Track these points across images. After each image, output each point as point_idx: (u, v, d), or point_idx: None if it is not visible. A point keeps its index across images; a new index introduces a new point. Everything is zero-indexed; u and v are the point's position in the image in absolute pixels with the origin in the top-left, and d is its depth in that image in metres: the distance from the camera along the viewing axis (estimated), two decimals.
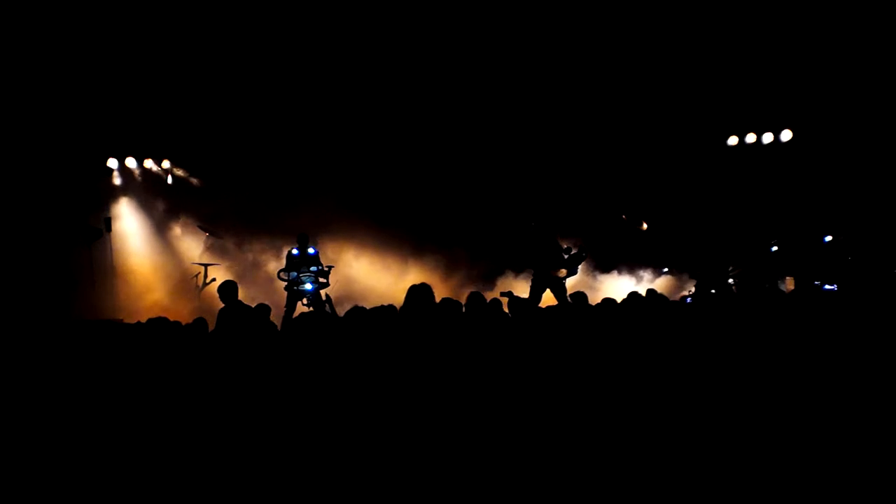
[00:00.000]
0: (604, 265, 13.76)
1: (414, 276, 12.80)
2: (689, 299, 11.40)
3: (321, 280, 12.11)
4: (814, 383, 4.54)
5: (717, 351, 4.92)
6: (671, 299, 8.62)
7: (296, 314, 11.47)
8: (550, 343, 5.14)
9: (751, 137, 13.62)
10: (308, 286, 11.98)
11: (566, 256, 11.64)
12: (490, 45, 12.75)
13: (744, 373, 4.65)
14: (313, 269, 12.09)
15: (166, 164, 13.91)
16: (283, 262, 12.27)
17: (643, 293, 7.08)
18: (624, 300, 6.30)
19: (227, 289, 9.10)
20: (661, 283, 13.59)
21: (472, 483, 4.02)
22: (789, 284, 12.23)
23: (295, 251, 12.13)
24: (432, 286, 5.89)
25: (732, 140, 13.73)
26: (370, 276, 13.67)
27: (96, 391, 4.92)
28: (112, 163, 13.51)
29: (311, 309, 11.58)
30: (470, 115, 13.63)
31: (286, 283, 12.01)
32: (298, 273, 12.01)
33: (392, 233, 13.70)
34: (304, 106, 13.40)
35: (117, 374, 5.18)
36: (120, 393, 4.88)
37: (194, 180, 14.05)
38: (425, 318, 5.35)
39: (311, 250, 12.24)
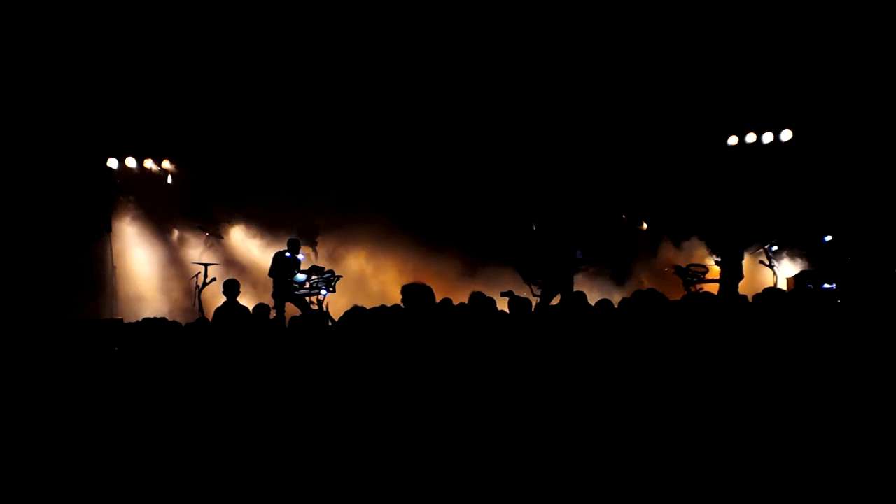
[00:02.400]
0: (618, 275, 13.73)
1: (413, 275, 12.81)
2: None
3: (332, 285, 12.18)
4: (813, 383, 4.53)
5: (717, 350, 4.92)
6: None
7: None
8: (552, 343, 5.14)
9: (751, 137, 13.63)
10: (324, 291, 12.03)
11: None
12: (491, 46, 12.76)
13: (743, 372, 4.65)
14: (327, 273, 12.13)
15: (166, 163, 13.91)
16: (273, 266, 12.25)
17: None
18: (624, 299, 6.29)
19: (230, 286, 9.13)
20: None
21: (473, 482, 4.02)
22: (788, 285, 12.23)
23: (288, 255, 12.03)
24: (422, 283, 5.89)
25: (732, 140, 13.73)
26: (373, 274, 13.68)
27: (95, 391, 4.92)
28: (112, 163, 13.49)
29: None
30: (469, 115, 13.63)
31: (296, 288, 11.95)
32: (309, 278, 12.05)
33: (392, 231, 13.68)
34: (306, 105, 13.41)
35: (116, 373, 5.17)
36: (119, 393, 4.87)
37: (194, 180, 14.03)
38: (426, 319, 5.34)
39: (300, 256, 12.22)
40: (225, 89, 12.97)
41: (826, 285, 11.11)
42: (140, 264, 13.62)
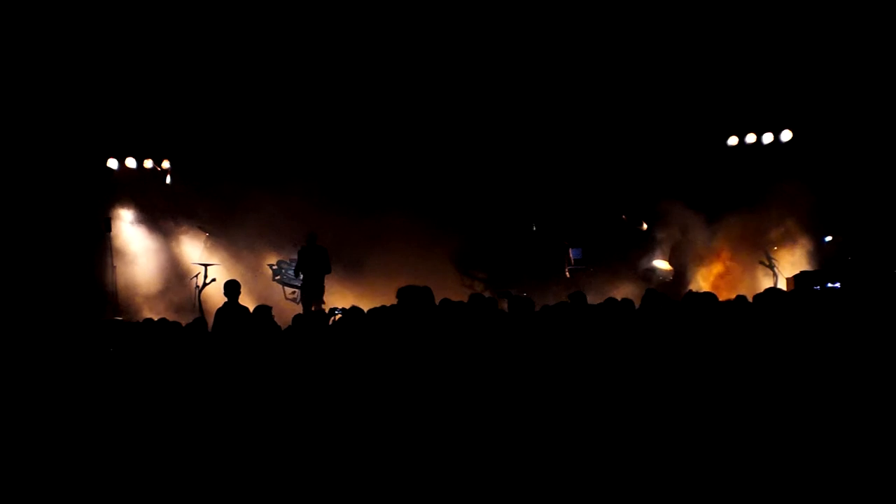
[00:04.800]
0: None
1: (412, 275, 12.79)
2: None
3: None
4: (814, 384, 4.53)
5: (718, 350, 4.92)
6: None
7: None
8: (551, 343, 5.14)
9: (751, 137, 13.62)
10: None
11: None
12: (491, 46, 12.76)
13: (744, 372, 4.65)
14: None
15: (166, 164, 13.90)
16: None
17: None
18: (625, 299, 6.30)
19: (231, 287, 9.09)
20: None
21: (473, 482, 4.02)
22: (788, 285, 12.22)
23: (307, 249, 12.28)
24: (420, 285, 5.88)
25: (732, 140, 13.72)
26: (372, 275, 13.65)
27: (96, 391, 4.92)
28: (112, 163, 13.49)
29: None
30: (469, 115, 13.62)
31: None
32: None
33: (390, 233, 13.64)
34: (305, 105, 13.40)
35: (116, 373, 5.17)
36: (119, 393, 4.87)
37: (194, 179, 14.02)
38: (426, 319, 5.34)
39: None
40: (224, 89, 12.97)
41: (830, 284, 11.10)
42: (140, 264, 13.61)
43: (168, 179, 13.95)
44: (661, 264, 13.75)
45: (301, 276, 12.26)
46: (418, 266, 12.90)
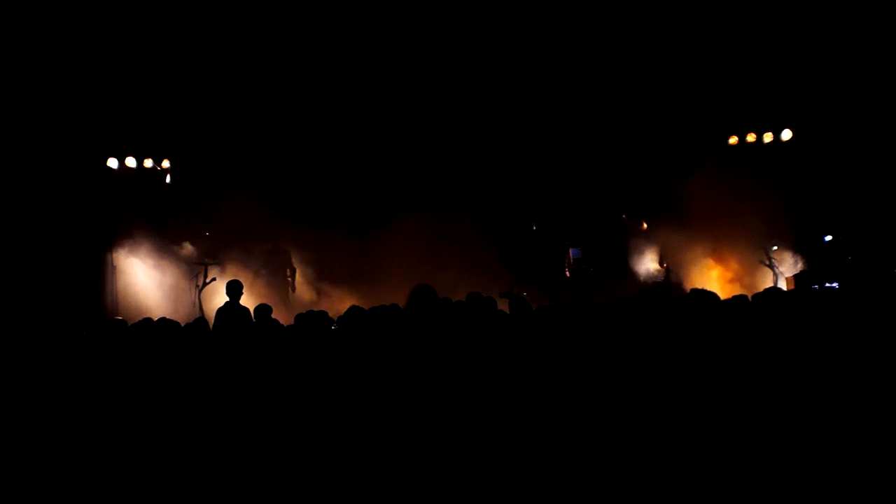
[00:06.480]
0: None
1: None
2: None
3: None
4: (814, 383, 4.53)
5: (718, 349, 4.92)
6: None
7: None
8: (553, 342, 5.14)
9: (751, 137, 13.64)
10: None
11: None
12: (492, 46, 12.77)
13: (744, 372, 4.65)
14: None
15: (166, 163, 13.90)
16: None
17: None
18: (626, 298, 6.30)
19: (233, 287, 9.08)
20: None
21: (474, 483, 4.02)
22: (788, 284, 12.24)
23: None
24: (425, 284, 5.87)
25: (732, 140, 13.74)
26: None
27: (95, 390, 4.91)
28: (112, 163, 13.49)
29: None
30: (469, 115, 13.63)
31: None
32: None
33: (390, 236, 13.63)
34: (308, 108, 13.41)
35: (116, 373, 5.17)
36: (119, 392, 4.87)
37: (194, 179, 14.03)
38: (426, 318, 5.34)
39: None
40: (226, 89, 12.98)
41: (828, 284, 11.12)
42: (140, 264, 13.60)
43: (168, 179, 13.96)
44: (653, 266, 13.78)
45: None
46: (419, 269, 12.91)
